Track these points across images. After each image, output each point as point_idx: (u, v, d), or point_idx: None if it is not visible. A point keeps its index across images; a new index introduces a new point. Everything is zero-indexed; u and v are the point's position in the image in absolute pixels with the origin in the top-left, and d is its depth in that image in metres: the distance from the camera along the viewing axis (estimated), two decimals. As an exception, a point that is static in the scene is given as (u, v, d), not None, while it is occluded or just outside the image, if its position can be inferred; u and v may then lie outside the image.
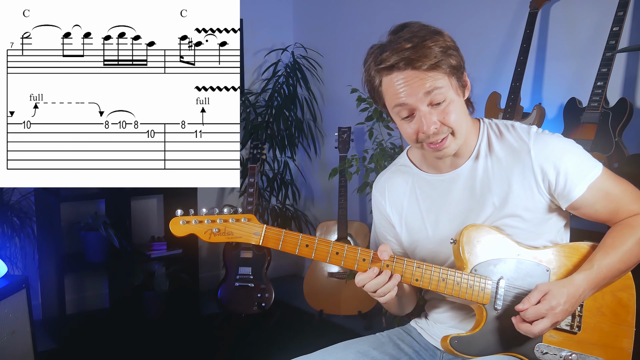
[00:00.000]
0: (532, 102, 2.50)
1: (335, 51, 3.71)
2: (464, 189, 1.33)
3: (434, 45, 1.18)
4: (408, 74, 1.19)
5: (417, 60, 1.17)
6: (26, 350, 2.11)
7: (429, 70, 1.18)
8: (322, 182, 3.89)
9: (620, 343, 1.29)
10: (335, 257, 1.24)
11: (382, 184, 1.46)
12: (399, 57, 1.18)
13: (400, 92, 1.21)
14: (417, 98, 1.20)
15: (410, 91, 1.19)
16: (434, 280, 1.25)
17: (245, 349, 2.86)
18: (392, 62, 1.18)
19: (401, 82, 1.20)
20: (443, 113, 1.22)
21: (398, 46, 1.18)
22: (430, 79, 1.18)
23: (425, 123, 1.21)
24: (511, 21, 2.62)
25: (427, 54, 1.17)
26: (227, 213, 1.24)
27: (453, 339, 1.26)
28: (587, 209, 1.29)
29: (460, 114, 1.24)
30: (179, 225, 1.25)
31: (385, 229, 1.46)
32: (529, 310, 1.20)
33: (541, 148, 1.27)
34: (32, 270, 3.15)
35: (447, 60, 1.19)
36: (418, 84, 1.19)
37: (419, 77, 1.18)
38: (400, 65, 1.18)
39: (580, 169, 1.26)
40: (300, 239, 1.24)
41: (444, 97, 1.21)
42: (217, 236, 1.24)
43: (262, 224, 1.24)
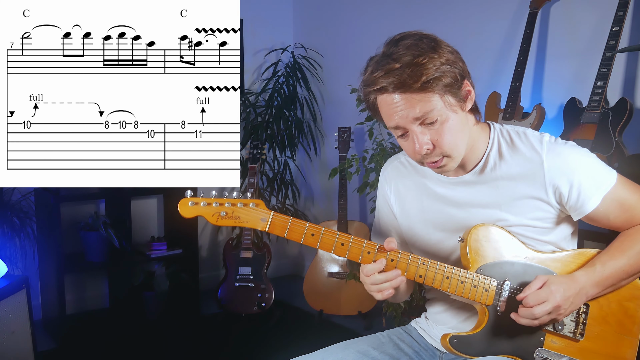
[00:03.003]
0: (532, 102, 2.50)
1: (335, 51, 3.71)
2: (470, 193, 1.32)
3: (427, 63, 1.14)
4: (398, 97, 1.17)
5: (405, 84, 1.14)
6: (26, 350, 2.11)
7: (419, 91, 1.15)
8: (322, 182, 3.89)
9: (624, 354, 1.27)
10: (341, 248, 1.23)
11: (389, 172, 1.45)
12: (388, 80, 1.15)
13: (391, 115, 1.19)
14: (408, 120, 1.18)
15: (401, 114, 1.18)
16: (437, 278, 1.24)
17: (245, 349, 2.86)
18: (380, 86, 1.17)
19: (392, 105, 1.18)
20: (436, 134, 1.19)
21: (389, 66, 1.15)
22: (420, 102, 1.16)
23: (417, 143, 1.20)
24: (511, 21, 2.62)
25: (418, 75, 1.14)
26: (236, 197, 1.23)
27: (453, 337, 1.25)
28: (601, 219, 1.27)
29: (456, 132, 1.21)
30: (187, 206, 1.23)
31: (387, 216, 1.46)
32: (529, 296, 1.19)
33: (554, 160, 1.24)
34: (32, 270, 3.15)
35: (441, 79, 1.15)
36: (408, 108, 1.17)
37: (409, 100, 1.16)
38: (389, 88, 1.16)
39: (594, 181, 1.24)
40: (306, 228, 1.23)
41: (437, 117, 1.18)
42: (225, 219, 1.22)
43: (270, 210, 1.23)
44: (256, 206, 1.23)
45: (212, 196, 1.23)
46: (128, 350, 2.86)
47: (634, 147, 2.12)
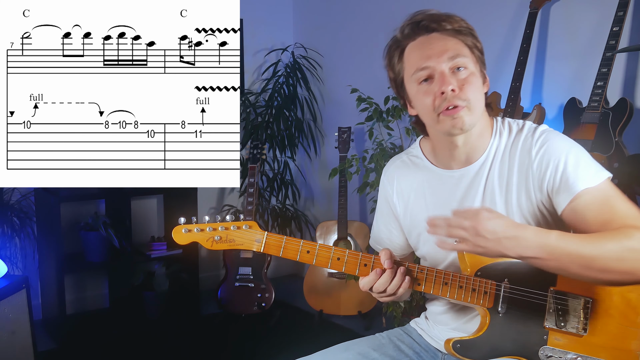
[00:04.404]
0: (532, 102, 2.50)
1: (335, 51, 3.71)
2: (472, 188, 1.31)
3: (462, 22, 1.25)
4: (433, 36, 1.23)
5: (443, 22, 1.22)
6: (26, 350, 2.12)
7: (454, 34, 1.23)
8: (322, 182, 3.89)
9: (629, 345, 1.25)
10: (337, 263, 1.24)
11: (392, 172, 1.45)
12: (426, 21, 1.23)
13: (424, 52, 1.23)
14: (440, 59, 1.22)
15: (435, 52, 1.22)
16: (436, 284, 1.24)
17: (245, 349, 2.86)
18: (419, 19, 1.23)
19: (426, 43, 1.23)
20: (463, 81, 1.22)
21: (427, 12, 1.24)
22: (455, 45, 1.23)
23: (444, 82, 1.21)
24: (511, 21, 2.62)
25: (452, 21, 1.23)
26: (229, 220, 1.25)
27: (456, 342, 1.25)
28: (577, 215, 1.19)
29: (478, 91, 1.24)
30: (181, 233, 1.26)
31: (390, 218, 1.45)
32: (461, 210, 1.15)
33: (541, 146, 1.24)
34: (32, 270, 3.15)
35: (471, 35, 1.24)
36: (442, 47, 1.22)
37: (444, 40, 1.23)
38: (427, 24, 1.23)
39: (580, 172, 1.20)
40: (301, 246, 1.24)
41: (467, 64, 1.23)
42: (219, 244, 1.25)
43: (264, 231, 1.24)
44: (250, 228, 1.25)
45: (204, 221, 1.25)
46: (128, 350, 2.86)
47: (634, 147, 2.12)
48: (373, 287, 1.22)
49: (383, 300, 1.27)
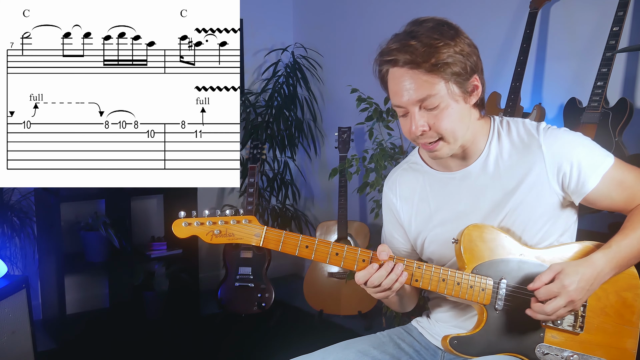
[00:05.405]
0: (532, 102, 2.50)
1: (335, 51, 3.71)
2: (474, 187, 1.33)
3: (442, 48, 1.19)
4: (406, 74, 1.20)
5: (415, 62, 1.18)
6: (26, 350, 2.11)
7: (427, 72, 1.19)
8: (322, 182, 3.89)
9: (624, 344, 1.28)
10: (335, 258, 1.25)
11: (394, 180, 1.46)
12: (401, 53, 1.19)
13: (397, 92, 1.23)
14: (410, 102, 1.22)
15: (405, 94, 1.21)
16: (433, 281, 1.26)
17: (245, 349, 2.85)
18: (393, 57, 1.21)
19: (399, 81, 1.22)
20: (434, 118, 1.23)
21: (406, 42, 1.20)
22: (425, 84, 1.19)
23: (413, 124, 1.23)
24: (511, 21, 2.62)
25: (429, 56, 1.18)
26: (229, 214, 1.25)
27: (453, 339, 1.26)
28: (603, 199, 1.28)
29: (455, 120, 1.23)
30: (181, 227, 1.25)
31: (394, 227, 1.46)
32: (540, 290, 1.20)
33: (552, 142, 1.27)
34: (32, 270, 3.15)
35: (450, 66, 1.19)
36: (413, 89, 1.20)
37: (415, 80, 1.20)
38: (400, 62, 1.20)
39: (592, 160, 1.26)
40: (300, 240, 1.25)
41: (438, 103, 1.21)
42: (219, 238, 1.25)
43: (263, 226, 1.25)
44: (249, 222, 1.25)
45: (204, 215, 1.25)
46: (128, 350, 2.86)
47: (634, 147, 2.12)
48: (368, 281, 1.23)
49: (377, 297, 1.28)
